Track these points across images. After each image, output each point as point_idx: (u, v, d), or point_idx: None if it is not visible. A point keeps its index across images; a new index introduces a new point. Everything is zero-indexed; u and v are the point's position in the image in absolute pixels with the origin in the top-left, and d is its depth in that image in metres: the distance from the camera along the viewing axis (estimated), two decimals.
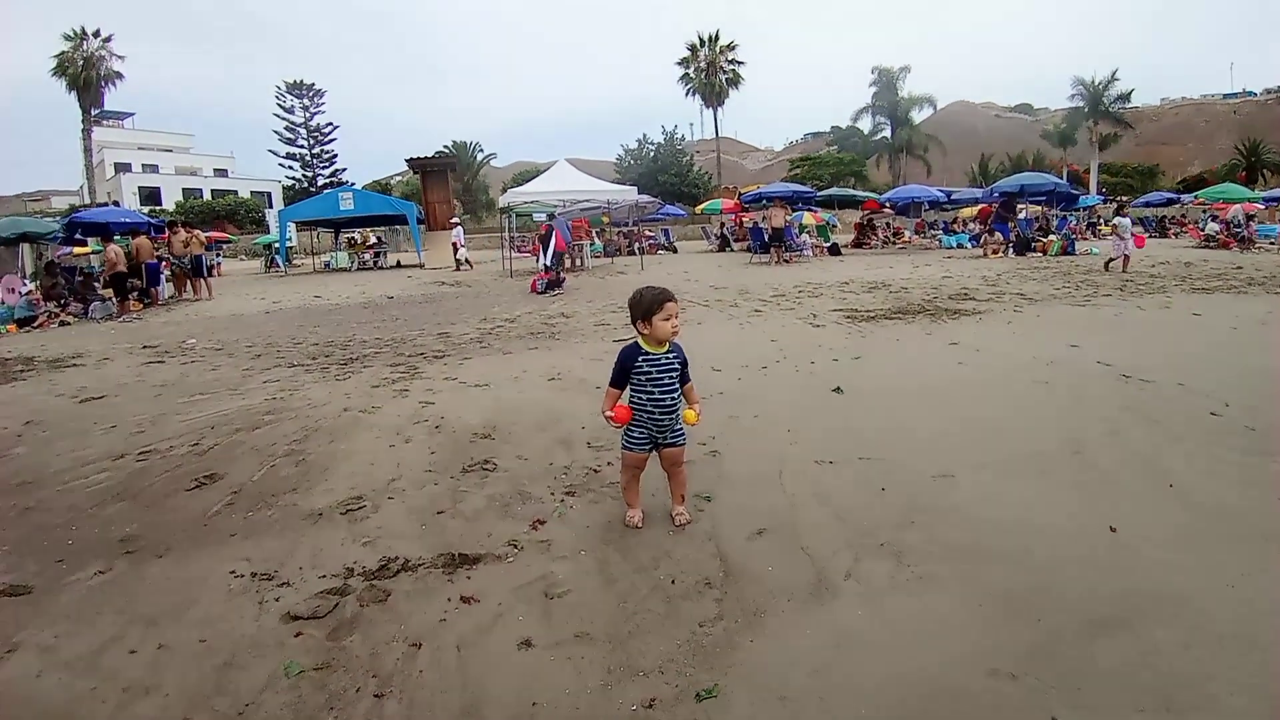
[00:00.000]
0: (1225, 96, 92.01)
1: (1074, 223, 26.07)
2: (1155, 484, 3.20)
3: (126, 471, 3.94)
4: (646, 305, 2.80)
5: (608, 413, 2.85)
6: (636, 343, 2.88)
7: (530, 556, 2.67)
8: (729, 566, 2.53)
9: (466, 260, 22.20)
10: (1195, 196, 32.98)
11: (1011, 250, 19.04)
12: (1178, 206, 34.88)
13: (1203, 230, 23.29)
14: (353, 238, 29.55)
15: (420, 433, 4.34)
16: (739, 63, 53.83)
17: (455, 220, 24.90)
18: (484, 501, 3.21)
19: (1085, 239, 24.82)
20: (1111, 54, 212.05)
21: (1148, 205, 36.30)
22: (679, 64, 54.03)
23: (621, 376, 2.87)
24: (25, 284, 13.92)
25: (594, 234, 25.66)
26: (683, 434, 2.94)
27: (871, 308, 9.12)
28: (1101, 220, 32.44)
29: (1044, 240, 19.82)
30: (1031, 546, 2.63)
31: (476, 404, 5.00)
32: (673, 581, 2.44)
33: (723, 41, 53.30)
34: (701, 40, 53.45)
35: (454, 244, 22.52)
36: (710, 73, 53.10)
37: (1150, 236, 29.84)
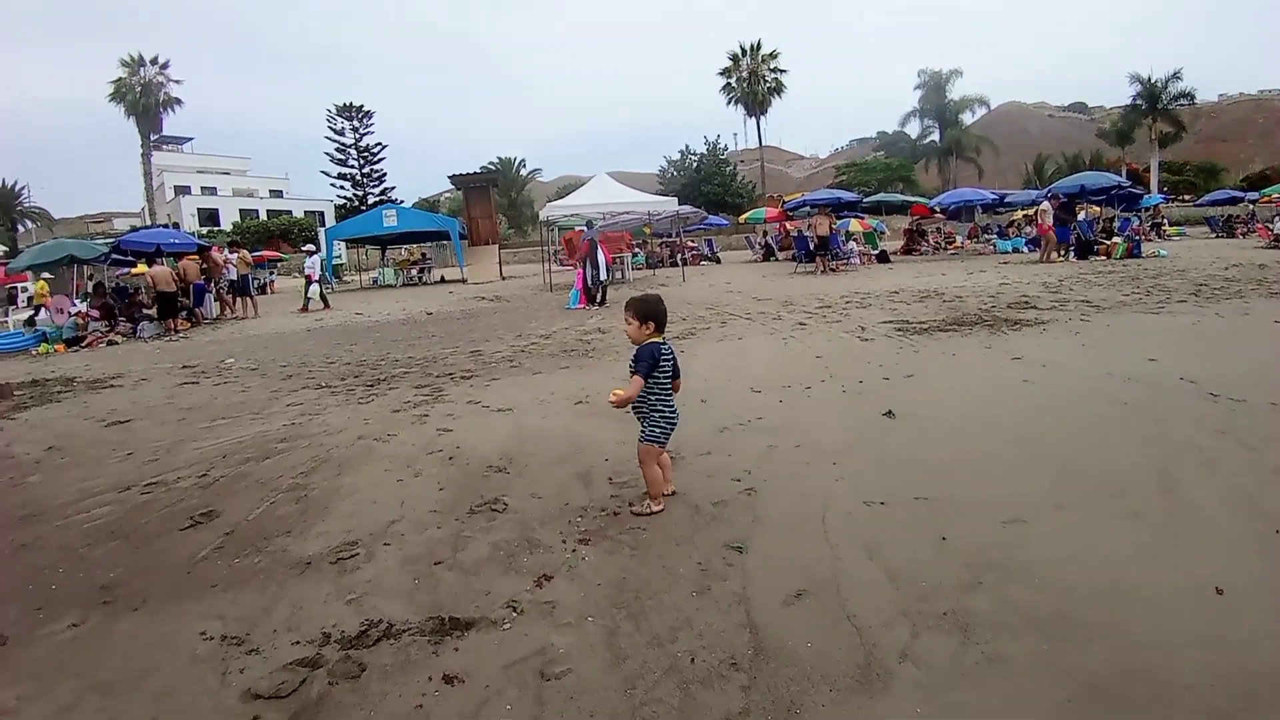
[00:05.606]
0: None
1: (1137, 224, 24.70)
2: (1263, 529, 2.70)
3: (128, 506, 3.77)
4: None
5: (630, 394, 3.05)
6: (655, 341, 3.13)
7: (530, 622, 2.31)
8: (760, 641, 2.13)
9: (322, 298, 17.20)
10: (1262, 194, 31.17)
11: (1072, 254, 18.03)
12: (1243, 205, 32.98)
13: (1272, 230, 21.73)
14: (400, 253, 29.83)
15: (432, 464, 4.06)
16: (781, 70, 53.27)
17: (309, 247, 19.91)
18: (487, 550, 2.88)
19: (1150, 240, 23.47)
20: (1164, 50, 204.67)
21: (1213, 204, 34.65)
22: (721, 74, 53.75)
23: (654, 368, 3.09)
24: (75, 304, 14.23)
25: (635, 246, 25.34)
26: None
27: (924, 319, 8.55)
28: (1166, 221, 30.84)
29: (1107, 243, 18.73)
30: (1126, 617, 2.16)
31: (496, 431, 4.71)
32: (692, 660, 2.05)
33: (765, 50, 52.80)
34: (743, 49, 53.07)
35: (307, 276, 17.39)
36: (752, 82, 52.66)
37: (1217, 237, 28.29)
